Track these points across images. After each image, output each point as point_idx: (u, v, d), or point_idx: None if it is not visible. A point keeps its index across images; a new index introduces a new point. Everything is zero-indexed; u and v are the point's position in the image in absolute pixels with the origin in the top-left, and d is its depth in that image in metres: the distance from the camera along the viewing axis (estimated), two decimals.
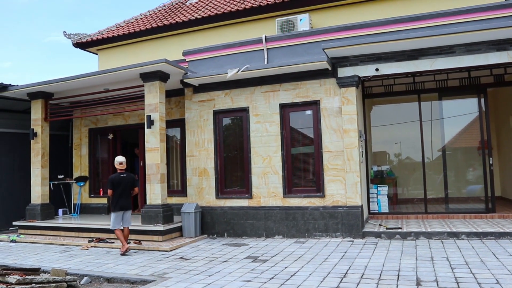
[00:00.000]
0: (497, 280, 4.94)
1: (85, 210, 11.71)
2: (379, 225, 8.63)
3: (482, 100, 9.35)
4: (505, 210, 9.28)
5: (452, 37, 7.60)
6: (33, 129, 10.48)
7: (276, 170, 8.91)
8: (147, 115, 8.95)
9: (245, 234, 8.94)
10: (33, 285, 5.24)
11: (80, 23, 55.02)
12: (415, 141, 9.88)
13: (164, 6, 14.71)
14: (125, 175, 7.94)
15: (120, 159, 8.03)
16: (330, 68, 8.51)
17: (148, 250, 7.95)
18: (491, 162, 9.24)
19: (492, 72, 9.31)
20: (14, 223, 10.35)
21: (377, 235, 7.99)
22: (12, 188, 11.16)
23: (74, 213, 11.59)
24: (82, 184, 11.82)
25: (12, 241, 9.41)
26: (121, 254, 7.56)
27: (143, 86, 9.18)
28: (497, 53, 7.71)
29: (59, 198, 11.55)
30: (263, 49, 9.42)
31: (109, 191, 7.78)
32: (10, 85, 10.36)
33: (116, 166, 7.97)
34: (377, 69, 8.32)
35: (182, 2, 14.37)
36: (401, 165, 11.25)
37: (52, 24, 58.58)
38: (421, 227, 8.14)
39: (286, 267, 6.11)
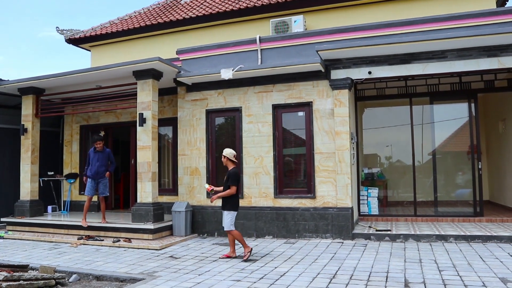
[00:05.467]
0: (483, 283, 5.01)
1: (75, 207, 11.61)
2: (369, 227, 8.69)
3: (473, 105, 9.46)
4: (493, 214, 9.39)
5: (444, 42, 7.70)
6: (23, 124, 10.38)
7: (268, 171, 8.93)
8: (139, 113, 8.92)
9: None
10: (21, 282, 5.20)
11: (74, 19, 54.62)
12: (406, 144, 9.96)
13: (159, 4, 14.67)
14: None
15: (234, 151, 7.05)
16: (323, 70, 8.56)
17: (138, 248, 7.92)
18: (480, 167, 9.36)
19: (482, 78, 9.43)
20: (2, 219, 10.23)
21: (367, 236, 8.05)
22: (1, 184, 11.03)
23: (63, 210, 11.50)
24: (72, 181, 11.73)
25: (0, 237, 9.31)
26: (244, 261, 6.62)
27: (135, 84, 9.14)
28: (488, 59, 7.81)
29: (49, 195, 11.44)
30: (257, 50, 9.44)
31: (234, 188, 6.75)
32: (0, 80, 10.26)
33: (232, 159, 6.93)
34: (370, 72, 8.38)
35: (176, 1, 14.34)
36: (392, 168, 11.35)
37: (45, 20, 58.08)
38: (410, 229, 8.21)
39: (275, 267, 6.13)
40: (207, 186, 7.16)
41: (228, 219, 6.79)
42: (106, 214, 9.38)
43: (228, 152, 6.98)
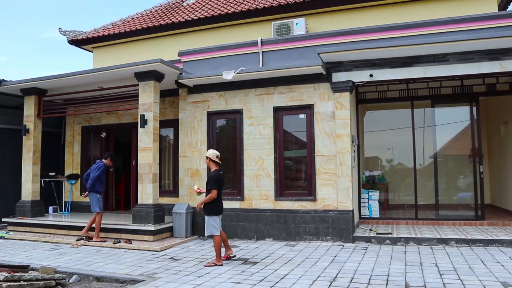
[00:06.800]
0: (484, 287, 4.99)
1: (76, 208, 11.63)
2: (370, 230, 8.68)
3: (474, 108, 9.45)
4: (494, 218, 9.38)
5: (446, 46, 7.69)
6: (25, 125, 10.41)
7: (269, 173, 8.93)
8: (140, 115, 8.94)
9: (235, 236, 8.94)
10: (22, 282, 5.21)
11: (76, 18, 54.80)
12: (407, 147, 9.96)
13: (161, 6, 14.70)
14: (222, 172, 6.94)
15: (216, 152, 6.84)
16: (324, 73, 8.56)
17: (138, 249, 7.92)
18: (481, 170, 9.34)
19: (484, 81, 9.42)
20: (3, 219, 10.27)
21: (367, 240, 8.04)
22: (3, 184, 11.06)
23: (64, 211, 11.52)
24: (73, 182, 11.75)
25: (1, 237, 9.33)
26: (206, 266, 6.46)
27: (137, 85, 9.16)
28: (490, 63, 7.81)
29: (50, 196, 11.47)
30: (259, 52, 9.45)
31: (214, 192, 6.51)
32: (3, 80, 10.29)
33: (215, 160, 6.72)
34: (371, 75, 8.38)
35: (179, 3, 14.37)
36: (393, 171, 11.33)
37: (48, 20, 58.23)
38: (411, 233, 8.20)
39: (276, 270, 6.12)
40: (195, 187, 6.94)
41: (207, 223, 6.58)
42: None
43: (210, 152, 6.80)
